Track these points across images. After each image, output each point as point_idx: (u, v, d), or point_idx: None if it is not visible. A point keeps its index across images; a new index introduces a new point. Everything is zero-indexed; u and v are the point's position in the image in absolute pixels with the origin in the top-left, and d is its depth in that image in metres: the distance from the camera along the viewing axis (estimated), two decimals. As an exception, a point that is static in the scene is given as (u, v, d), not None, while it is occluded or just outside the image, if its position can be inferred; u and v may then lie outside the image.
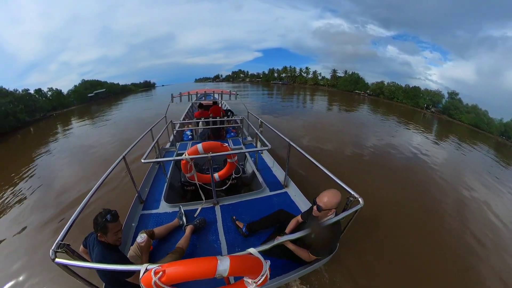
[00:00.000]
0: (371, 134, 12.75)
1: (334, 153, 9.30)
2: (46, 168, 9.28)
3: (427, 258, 4.05)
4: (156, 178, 4.16)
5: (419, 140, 13.25)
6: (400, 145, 11.13)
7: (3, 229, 5.13)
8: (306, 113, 20.42)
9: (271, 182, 3.86)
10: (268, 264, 1.57)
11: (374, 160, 8.84)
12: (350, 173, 6.97)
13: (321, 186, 2.18)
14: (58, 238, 1.63)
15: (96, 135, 15.16)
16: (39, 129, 25.50)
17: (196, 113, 7.62)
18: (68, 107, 49.88)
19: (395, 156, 9.57)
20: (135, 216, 3.12)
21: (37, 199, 6.50)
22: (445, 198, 6.40)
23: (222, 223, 2.94)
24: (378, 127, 16.07)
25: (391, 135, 13.45)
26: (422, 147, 11.44)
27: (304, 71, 79.30)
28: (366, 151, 9.81)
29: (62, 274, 1.58)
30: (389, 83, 54.84)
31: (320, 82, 71.85)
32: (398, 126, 17.63)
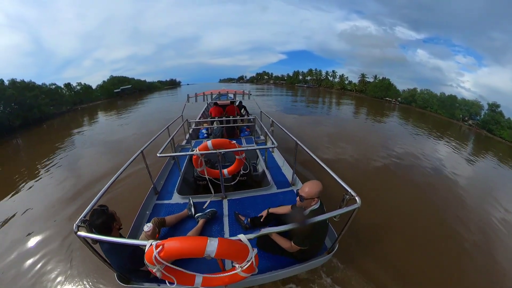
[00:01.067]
0: (399, 146, 11.59)
1: (359, 164, 8.62)
2: (70, 156, 10.65)
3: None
4: (171, 172, 4.42)
5: (451, 156, 11.92)
6: (431, 159, 10.06)
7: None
8: (331, 121, 18.75)
9: (279, 180, 3.97)
10: (255, 252, 1.71)
11: (405, 180, 7.73)
12: (375, 188, 6.56)
13: (325, 183, 2.26)
14: (82, 215, 1.87)
15: (117, 129, 16.62)
16: (64, 121, 26.24)
17: (211, 109, 7.86)
18: (95, 101, 51.44)
19: (423, 170, 8.65)
20: (150, 205, 3.39)
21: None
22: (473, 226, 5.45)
23: (228, 216, 3.09)
24: (407, 139, 14.44)
25: (421, 148, 12.04)
26: (455, 164, 10.17)
27: (331, 75, 75.95)
28: (394, 165, 8.84)
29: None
30: (422, 91, 49.68)
31: (347, 87, 68.01)
32: (428, 138, 15.80)
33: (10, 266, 4.03)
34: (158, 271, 1.63)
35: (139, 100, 43.85)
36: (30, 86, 30.04)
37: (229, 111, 7.65)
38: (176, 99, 12.40)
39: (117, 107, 33.81)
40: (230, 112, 7.62)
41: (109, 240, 1.76)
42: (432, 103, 45.05)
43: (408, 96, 51.18)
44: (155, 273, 1.65)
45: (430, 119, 32.82)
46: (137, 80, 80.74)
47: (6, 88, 25.69)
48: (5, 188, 7.31)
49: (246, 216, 2.99)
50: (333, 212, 1.94)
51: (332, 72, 75.01)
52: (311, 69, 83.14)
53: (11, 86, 26.98)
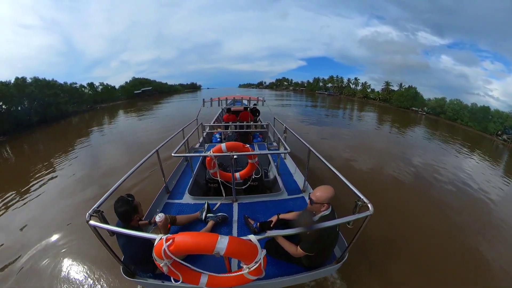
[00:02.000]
0: (424, 161, 10.82)
1: (380, 177, 8.20)
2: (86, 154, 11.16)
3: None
4: (183, 173, 4.45)
5: (482, 176, 10.49)
6: (459, 178, 9.24)
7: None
8: (352, 133, 16.98)
9: (291, 187, 3.93)
10: (263, 253, 1.64)
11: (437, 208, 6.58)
12: (392, 205, 6.05)
13: (337, 191, 2.17)
14: (95, 205, 1.91)
15: (135, 130, 16.86)
16: (81, 120, 26.87)
17: (224, 116, 7.90)
18: (115, 101, 52.47)
19: (448, 189, 7.92)
20: (161, 203, 3.45)
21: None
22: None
23: (237, 219, 3.09)
24: (434, 153, 13.14)
25: (448, 164, 11.09)
26: (486, 185, 9.00)
27: (353, 82, 73.09)
28: (420, 184, 8.11)
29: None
30: (451, 100, 44.84)
31: (370, 95, 65.00)
32: (458, 155, 14.37)
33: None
34: (165, 266, 1.60)
35: (158, 102, 44.38)
36: (50, 84, 30.75)
37: (243, 117, 7.67)
38: (196, 103, 11.95)
39: (136, 108, 34.38)
40: (244, 118, 7.63)
41: (120, 231, 1.78)
42: (463, 115, 40.59)
43: (436, 107, 46.68)
44: (162, 268, 1.62)
45: (459, 133, 29.76)
46: (158, 83, 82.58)
47: (28, 85, 26.32)
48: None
49: (255, 220, 2.98)
50: (344, 218, 1.89)
51: (355, 79, 72.20)
52: (332, 76, 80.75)
53: (33, 83, 27.72)
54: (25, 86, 25.82)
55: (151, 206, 3.22)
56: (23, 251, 4.29)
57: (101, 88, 53.54)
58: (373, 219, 1.87)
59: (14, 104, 23.87)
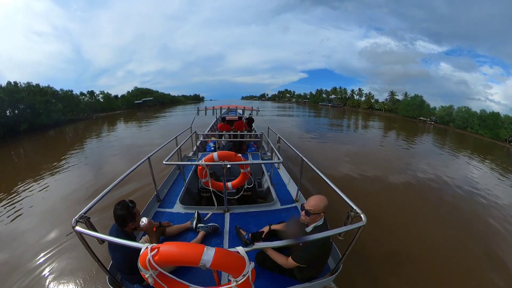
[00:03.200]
0: (433, 173, 10.02)
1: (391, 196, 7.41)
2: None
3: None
4: (175, 181, 4.36)
5: (496, 187, 9.53)
6: (470, 189, 8.60)
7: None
8: (361, 154, 14.66)
9: (284, 197, 3.89)
10: (252, 266, 1.59)
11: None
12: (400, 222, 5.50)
13: (329, 201, 2.08)
14: (82, 211, 1.81)
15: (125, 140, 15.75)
16: (74, 130, 25.24)
17: (219, 125, 7.71)
18: (115, 111, 51.65)
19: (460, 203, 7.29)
20: (151, 211, 3.35)
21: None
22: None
23: (229, 230, 3.00)
24: (449, 168, 11.64)
25: (459, 175, 10.37)
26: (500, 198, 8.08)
27: (357, 93, 72.01)
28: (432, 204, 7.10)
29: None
30: (459, 108, 43.49)
31: (375, 106, 63.64)
32: (469, 164, 13.44)
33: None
34: (150, 277, 1.56)
35: (159, 113, 43.01)
36: (43, 91, 29.79)
37: (237, 126, 7.62)
38: (198, 116, 10.90)
39: (135, 119, 33.14)
40: (238, 127, 7.59)
41: (106, 238, 1.71)
42: (473, 123, 39.06)
43: (444, 115, 45.05)
44: (147, 279, 1.58)
45: (470, 142, 28.32)
46: (161, 93, 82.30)
47: (19, 91, 25.34)
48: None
49: (247, 231, 2.87)
50: (337, 229, 1.84)
51: (358, 90, 71.19)
52: (335, 87, 79.98)
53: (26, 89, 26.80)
54: (16, 91, 24.79)
55: (141, 213, 3.02)
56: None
57: (101, 96, 53.08)
58: (378, 232, 2.32)
59: (3, 110, 22.78)
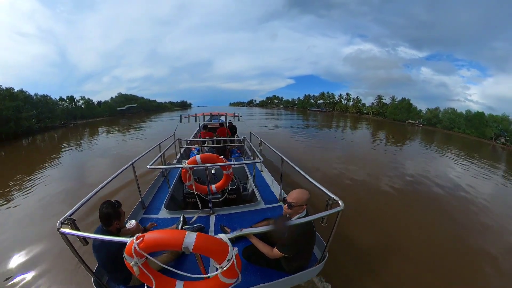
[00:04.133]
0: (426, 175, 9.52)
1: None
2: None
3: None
4: (160, 188, 4.35)
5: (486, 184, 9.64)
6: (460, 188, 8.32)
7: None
8: (353, 161, 15.51)
9: (268, 197, 3.97)
10: (235, 251, 1.59)
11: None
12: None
13: (312, 196, 2.14)
14: (67, 214, 1.80)
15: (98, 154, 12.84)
16: (51, 138, 22.78)
17: (202, 132, 7.77)
18: (96, 118, 48.92)
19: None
20: (136, 217, 3.26)
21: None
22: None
23: (214, 230, 3.06)
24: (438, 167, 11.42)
25: (450, 174, 10.22)
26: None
27: (344, 97, 72.49)
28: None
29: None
30: (446, 110, 46.41)
31: (364, 110, 64.09)
32: (458, 163, 13.12)
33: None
34: (135, 266, 1.55)
35: (143, 120, 40.22)
36: (13, 95, 27.16)
37: (220, 133, 7.70)
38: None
39: (117, 126, 30.77)
40: (221, 134, 7.66)
41: (92, 236, 1.74)
42: (459, 123, 41.48)
43: (431, 117, 47.38)
44: (133, 269, 1.58)
45: (459, 140, 29.20)
46: (146, 100, 79.66)
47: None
48: None
49: (232, 229, 2.90)
50: (317, 214, 1.90)
51: (346, 95, 71.69)
52: (323, 92, 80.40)
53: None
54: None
55: (126, 220, 2.81)
56: None
57: (82, 102, 50.28)
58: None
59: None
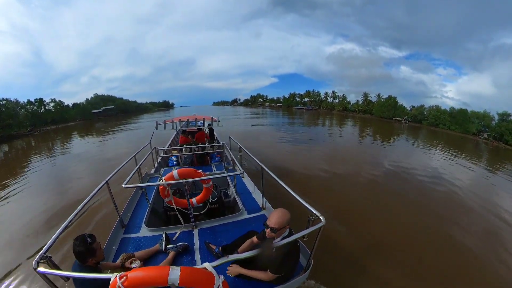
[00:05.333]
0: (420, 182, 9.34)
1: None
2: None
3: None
4: (139, 202, 4.16)
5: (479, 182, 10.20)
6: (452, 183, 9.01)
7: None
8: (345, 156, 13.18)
9: (250, 205, 3.90)
10: (221, 279, 1.65)
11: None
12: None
13: (294, 205, 2.34)
14: (42, 251, 1.71)
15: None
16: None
17: (180, 137, 7.65)
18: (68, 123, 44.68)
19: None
20: (116, 239, 3.09)
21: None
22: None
23: (199, 246, 2.95)
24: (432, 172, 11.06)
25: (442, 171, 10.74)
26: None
27: (330, 95, 72.20)
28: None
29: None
30: (430, 107, 48.26)
31: (350, 108, 64.00)
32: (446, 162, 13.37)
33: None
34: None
35: (120, 123, 36.51)
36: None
37: (198, 138, 7.43)
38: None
39: (89, 132, 27.69)
40: (200, 139, 7.43)
41: (71, 275, 1.67)
42: (444, 120, 42.83)
43: (417, 114, 48.79)
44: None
45: (443, 137, 29.99)
46: (124, 101, 74.98)
47: None
48: None
49: (217, 245, 2.83)
50: (300, 233, 1.97)
51: (332, 92, 71.43)
52: (309, 90, 79.81)
53: None
54: None
55: (106, 243, 2.79)
56: None
57: (52, 105, 45.82)
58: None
59: None
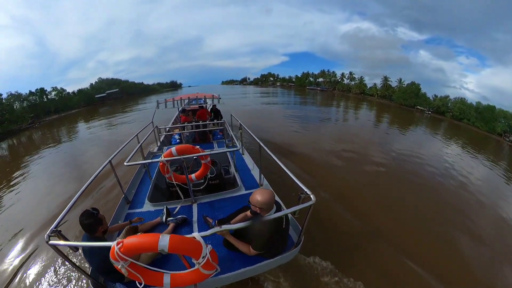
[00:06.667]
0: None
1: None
2: None
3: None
4: (142, 179, 4.35)
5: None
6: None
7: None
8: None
9: (248, 182, 4.06)
10: (209, 248, 1.79)
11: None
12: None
13: (288, 182, 2.48)
14: (52, 226, 1.90)
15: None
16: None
17: (182, 116, 7.80)
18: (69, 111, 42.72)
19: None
20: (122, 214, 3.34)
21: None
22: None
23: (197, 220, 3.13)
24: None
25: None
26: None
27: (347, 77, 67.18)
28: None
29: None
30: (456, 99, 43.95)
31: (368, 92, 59.42)
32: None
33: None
34: (123, 268, 1.68)
35: (126, 107, 35.00)
36: None
37: (200, 115, 7.48)
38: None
39: (92, 117, 26.04)
40: (202, 117, 7.45)
41: (80, 244, 1.89)
42: (469, 115, 39.54)
43: (441, 105, 44.61)
44: (121, 270, 1.70)
45: (467, 132, 28.04)
46: (131, 83, 72.72)
47: None
48: None
49: (214, 218, 3.01)
50: (291, 208, 2.06)
51: (350, 74, 66.26)
52: (324, 70, 74.53)
53: None
54: None
55: (111, 219, 3.05)
56: None
57: (54, 94, 44.20)
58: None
59: None
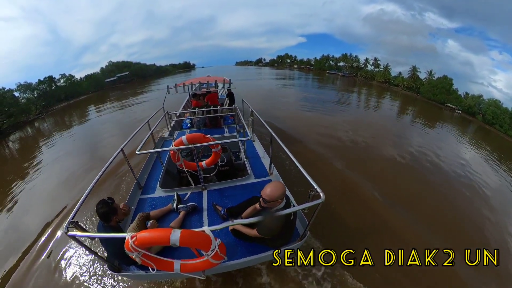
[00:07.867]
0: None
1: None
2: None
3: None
4: (154, 165, 4.42)
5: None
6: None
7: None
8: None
9: (258, 170, 4.06)
10: (218, 242, 1.95)
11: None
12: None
13: (299, 176, 2.52)
14: (69, 218, 2.04)
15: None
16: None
17: (193, 102, 7.61)
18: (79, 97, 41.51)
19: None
20: (134, 200, 3.49)
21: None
22: None
23: (207, 207, 3.24)
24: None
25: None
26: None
27: (371, 63, 61.84)
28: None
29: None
30: (489, 100, 37.96)
31: (393, 81, 54.55)
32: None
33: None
34: (137, 258, 1.90)
35: (140, 90, 33.85)
36: None
37: (210, 99, 7.36)
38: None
39: (100, 105, 24.83)
40: (212, 101, 7.36)
41: (95, 236, 2.14)
42: (503, 121, 33.00)
43: (473, 105, 38.74)
44: (136, 260, 1.90)
45: (495, 142, 22.70)
46: (142, 65, 70.39)
47: None
48: None
49: (223, 206, 3.09)
50: (299, 206, 2.13)
51: (374, 60, 60.82)
52: (346, 53, 68.97)
53: None
54: None
55: (125, 203, 3.05)
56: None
57: (63, 81, 43.02)
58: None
59: None
